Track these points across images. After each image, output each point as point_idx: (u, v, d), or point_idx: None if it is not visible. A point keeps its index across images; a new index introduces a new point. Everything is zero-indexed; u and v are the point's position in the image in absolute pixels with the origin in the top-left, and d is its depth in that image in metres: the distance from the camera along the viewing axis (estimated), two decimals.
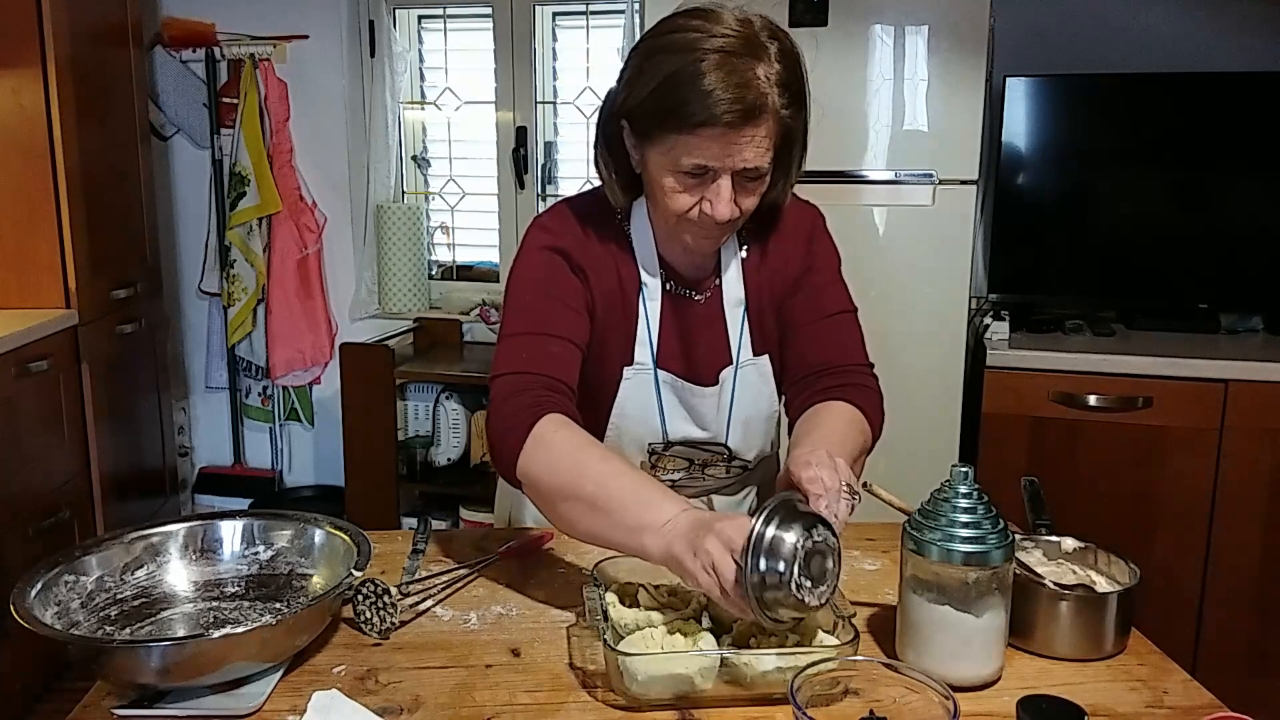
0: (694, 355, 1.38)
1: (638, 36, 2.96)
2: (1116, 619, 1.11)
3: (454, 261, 3.59)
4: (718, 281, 1.39)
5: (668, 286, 1.37)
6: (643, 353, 1.36)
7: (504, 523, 1.59)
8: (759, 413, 1.42)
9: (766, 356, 1.41)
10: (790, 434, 1.36)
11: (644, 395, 1.37)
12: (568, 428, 1.18)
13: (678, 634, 1.04)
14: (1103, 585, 1.17)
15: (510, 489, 1.57)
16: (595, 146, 1.33)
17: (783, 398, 1.45)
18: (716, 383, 1.38)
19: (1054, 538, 1.24)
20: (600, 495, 1.11)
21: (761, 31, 1.18)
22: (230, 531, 1.25)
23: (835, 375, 1.35)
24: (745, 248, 1.40)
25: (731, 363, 1.38)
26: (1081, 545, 1.23)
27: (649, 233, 1.36)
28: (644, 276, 1.35)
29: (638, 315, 1.35)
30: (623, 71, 1.26)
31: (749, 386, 1.40)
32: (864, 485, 1.20)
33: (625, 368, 1.36)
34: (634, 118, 1.23)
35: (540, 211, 1.42)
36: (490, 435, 1.23)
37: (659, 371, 1.37)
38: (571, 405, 1.24)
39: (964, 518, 1.02)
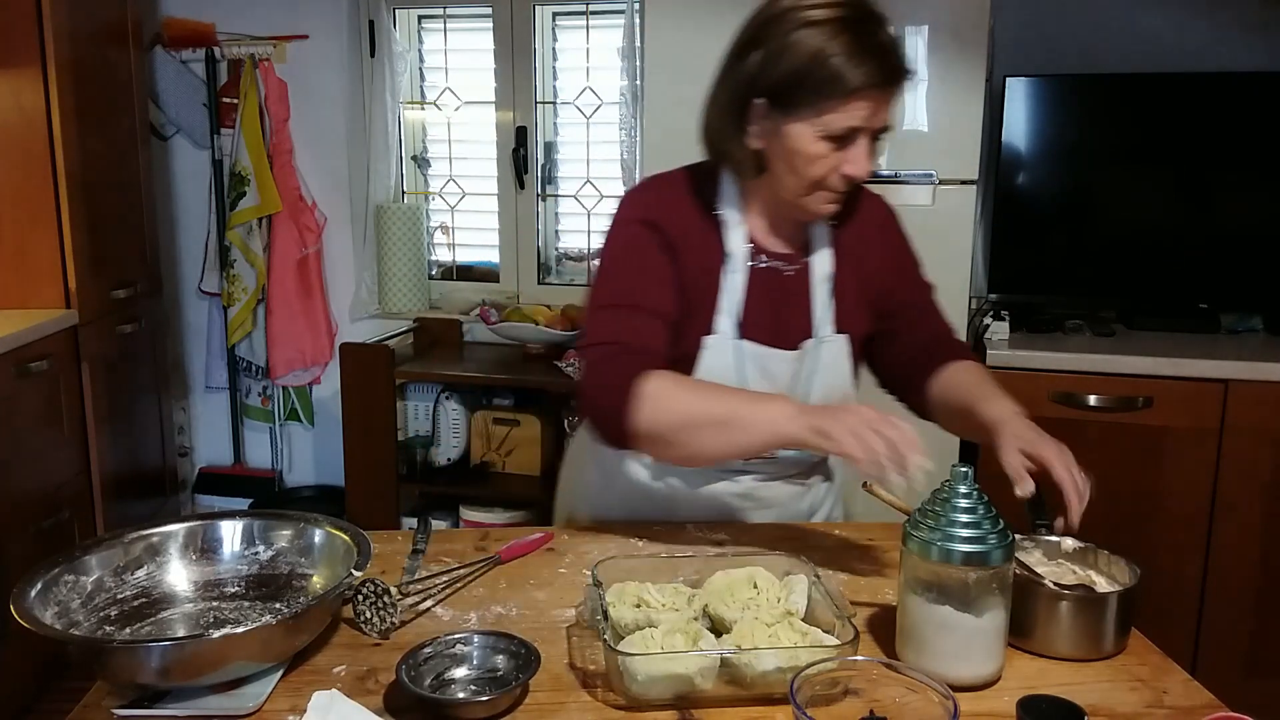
0: (779, 326, 1.41)
1: (638, 36, 2.98)
2: (1116, 619, 1.11)
3: (454, 261, 3.59)
4: (807, 258, 1.43)
5: (754, 260, 1.41)
6: (725, 322, 1.39)
7: (564, 521, 1.61)
8: (836, 391, 1.44)
9: (845, 337, 1.44)
10: (931, 394, 1.44)
11: (724, 364, 1.39)
12: (668, 377, 1.29)
13: (678, 634, 1.04)
14: (1103, 585, 1.17)
15: (572, 488, 1.60)
16: (718, 124, 1.36)
17: (877, 381, 1.54)
18: (798, 349, 1.41)
19: (1054, 538, 1.24)
20: (725, 415, 1.24)
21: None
22: (230, 531, 1.25)
23: (945, 346, 1.48)
24: (834, 228, 1.45)
25: (811, 335, 1.42)
26: (1081, 545, 1.23)
27: (738, 206, 1.41)
28: (729, 249, 1.39)
29: (721, 286, 1.39)
30: (748, 51, 1.31)
31: (829, 362, 1.43)
32: (864, 485, 1.20)
33: (705, 336, 1.39)
34: (777, 92, 1.28)
35: (633, 184, 1.49)
36: (592, 403, 1.32)
37: (741, 341, 1.39)
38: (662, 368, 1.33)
39: (964, 518, 1.02)
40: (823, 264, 1.44)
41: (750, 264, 1.41)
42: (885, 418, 1.17)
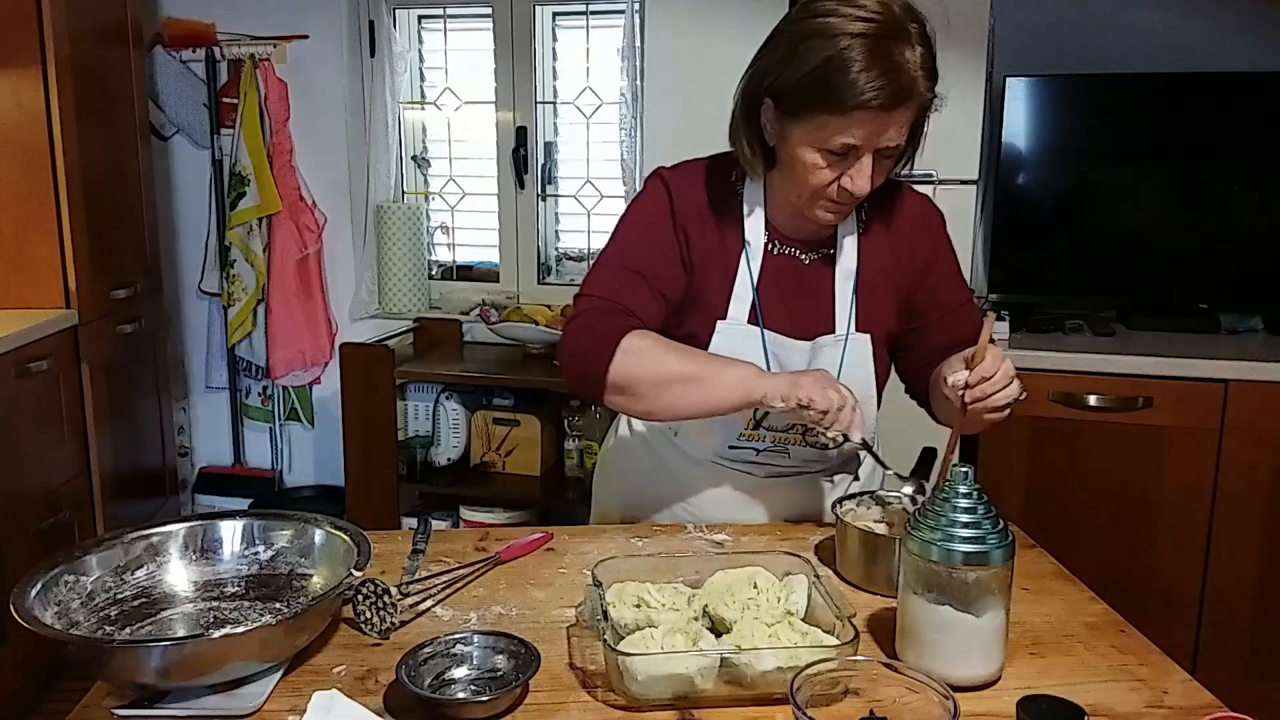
0: (795, 316, 1.41)
1: (638, 36, 2.98)
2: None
3: (454, 261, 3.59)
4: (831, 250, 1.42)
5: (771, 247, 1.41)
6: (738, 308, 1.40)
7: (599, 520, 1.63)
8: (858, 390, 1.41)
9: (868, 337, 1.42)
10: (929, 391, 1.42)
11: (735, 348, 1.39)
12: (649, 336, 1.33)
13: (678, 634, 1.04)
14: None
15: (607, 489, 1.61)
16: (733, 118, 1.37)
17: (905, 387, 1.51)
18: (811, 340, 1.40)
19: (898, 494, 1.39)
20: (695, 373, 1.30)
21: (902, 14, 1.24)
22: (230, 531, 1.25)
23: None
24: (863, 225, 1.43)
25: (831, 330, 1.41)
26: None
27: (761, 195, 1.40)
28: (748, 235, 1.40)
29: (737, 271, 1.39)
30: (765, 52, 1.31)
31: (851, 361, 1.41)
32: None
33: (719, 321, 1.39)
34: (782, 98, 1.28)
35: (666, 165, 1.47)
36: (573, 351, 1.35)
37: (754, 328, 1.40)
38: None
39: (964, 518, 1.02)
40: (847, 259, 1.42)
41: (766, 251, 1.41)
42: (837, 383, 1.26)
